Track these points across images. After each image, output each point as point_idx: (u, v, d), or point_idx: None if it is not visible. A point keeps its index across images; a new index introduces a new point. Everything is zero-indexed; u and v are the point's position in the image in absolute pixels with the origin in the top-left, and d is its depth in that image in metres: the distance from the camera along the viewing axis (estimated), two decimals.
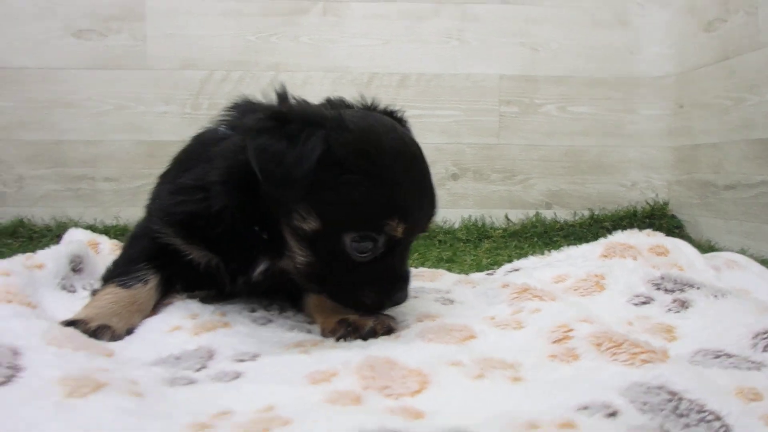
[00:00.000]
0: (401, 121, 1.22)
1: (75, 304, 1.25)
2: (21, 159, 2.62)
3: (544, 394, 0.81)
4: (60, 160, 2.63)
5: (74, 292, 1.37)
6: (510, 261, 2.13)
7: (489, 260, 2.20)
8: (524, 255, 2.29)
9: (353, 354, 0.94)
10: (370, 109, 1.20)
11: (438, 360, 0.92)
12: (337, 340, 1.05)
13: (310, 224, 1.01)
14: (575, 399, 0.77)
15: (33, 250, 2.23)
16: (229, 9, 2.65)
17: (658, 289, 1.27)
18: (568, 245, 2.54)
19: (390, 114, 1.21)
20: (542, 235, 2.69)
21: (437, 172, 2.73)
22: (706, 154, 2.49)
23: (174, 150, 2.71)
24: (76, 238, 1.59)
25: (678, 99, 2.65)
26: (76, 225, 2.56)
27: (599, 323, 1.01)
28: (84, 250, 1.46)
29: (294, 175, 0.95)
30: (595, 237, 2.73)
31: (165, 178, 1.28)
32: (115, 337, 1.05)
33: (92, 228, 2.54)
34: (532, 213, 2.80)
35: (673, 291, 1.23)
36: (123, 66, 2.63)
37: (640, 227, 2.80)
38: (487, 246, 2.52)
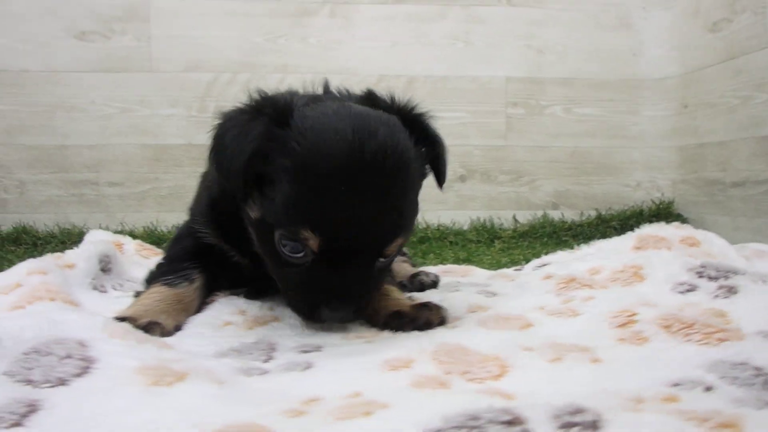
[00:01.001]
0: (415, 121, 1.06)
1: (108, 305, 1.21)
2: (22, 164, 2.54)
3: (629, 374, 0.81)
4: (63, 165, 2.56)
5: (105, 292, 1.33)
6: (527, 260, 2.14)
7: (507, 259, 2.20)
8: (537, 254, 2.31)
9: (423, 341, 0.92)
10: (389, 107, 1.07)
11: (509, 345, 0.91)
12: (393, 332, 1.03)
13: (255, 212, 0.99)
14: (664, 377, 0.77)
15: (38, 257, 2.16)
16: (235, 10, 2.62)
17: (701, 276, 1.27)
18: (579, 245, 2.57)
19: (400, 110, 1.07)
20: (551, 236, 2.70)
21: None
22: (713, 152, 2.54)
23: (179, 153, 2.67)
24: (98, 239, 1.53)
25: (682, 99, 2.70)
26: (81, 231, 2.48)
27: (663, 306, 1.01)
28: (112, 250, 1.42)
29: (233, 166, 0.95)
30: (603, 236, 2.76)
31: (205, 178, 1.28)
32: (165, 333, 1.01)
33: None
34: (539, 214, 2.81)
35: (717, 278, 1.23)
36: (127, 68, 2.57)
37: None
38: (500, 246, 2.52)
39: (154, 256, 1.52)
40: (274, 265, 1.02)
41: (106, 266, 1.37)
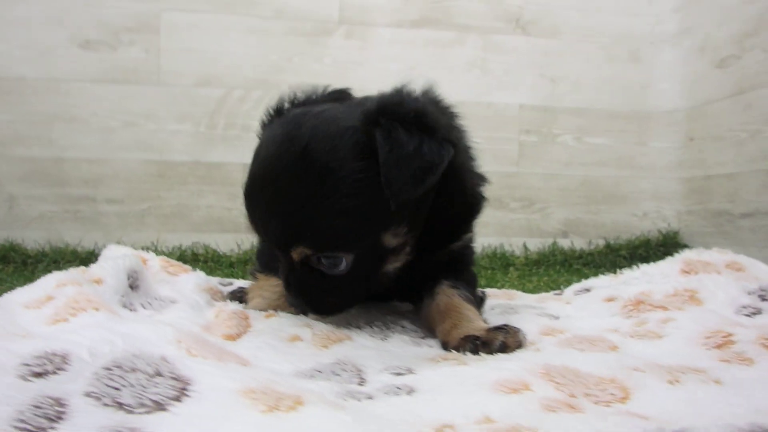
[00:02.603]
0: (420, 115, 0.98)
1: None
2: (14, 177, 2.36)
3: (763, 394, 0.75)
4: (58, 179, 2.39)
5: (134, 311, 1.19)
6: (549, 287, 2.10)
7: (530, 285, 2.15)
8: (555, 282, 2.27)
9: (523, 363, 0.84)
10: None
11: (615, 366, 0.84)
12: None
13: None
14: None
15: (29, 276, 2.00)
16: (251, 26, 2.56)
17: (764, 299, 1.25)
18: (591, 273, 2.54)
19: (401, 102, 1.02)
20: (563, 264, 2.68)
21: None
22: (720, 184, 2.58)
23: (185, 171, 2.55)
24: (123, 253, 1.40)
25: (688, 132, 2.77)
26: (74, 250, 2.32)
27: (760, 326, 0.97)
28: (139, 265, 1.29)
29: None
30: (613, 265, 2.78)
31: None
32: None
33: (92, 254, 2.30)
34: (549, 242, 2.79)
35: None
36: (133, 80, 2.46)
37: (656, 255, 2.88)
38: (517, 273, 2.47)
39: (183, 273, 1.40)
40: None
41: (134, 283, 1.24)
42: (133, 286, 1.24)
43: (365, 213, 0.95)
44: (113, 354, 0.65)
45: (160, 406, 0.58)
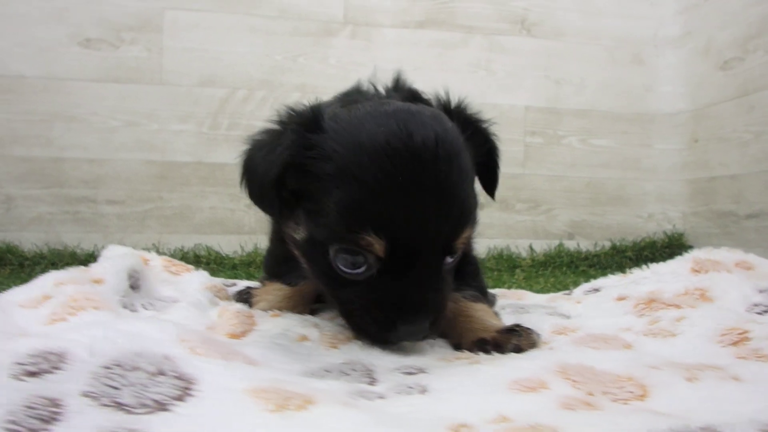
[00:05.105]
0: (464, 117, 1.03)
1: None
2: (11, 177, 2.32)
3: None
4: (57, 180, 2.36)
5: (135, 311, 1.16)
6: (556, 288, 2.07)
7: (538, 287, 2.12)
8: (563, 283, 2.25)
9: (539, 361, 0.82)
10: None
11: (631, 365, 0.82)
12: None
13: (300, 233, 0.91)
14: None
15: (26, 279, 1.96)
16: (255, 26, 2.54)
17: None
18: (598, 275, 2.51)
19: (446, 106, 1.04)
20: (570, 265, 2.65)
21: None
22: (725, 185, 2.57)
23: (188, 172, 2.53)
24: (123, 252, 1.38)
25: (692, 134, 2.75)
26: (73, 252, 2.29)
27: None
28: (140, 264, 1.27)
29: (264, 185, 0.88)
30: (619, 267, 2.75)
31: None
32: None
33: (91, 256, 2.27)
34: (554, 243, 2.77)
35: None
36: (135, 80, 2.44)
37: (662, 257, 2.85)
38: (523, 275, 2.45)
39: (186, 272, 1.37)
40: (330, 287, 0.92)
41: (135, 282, 1.22)
42: (134, 286, 1.22)
43: None
44: (113, 353, 0.62)
45: (162, 406, 0.55)
